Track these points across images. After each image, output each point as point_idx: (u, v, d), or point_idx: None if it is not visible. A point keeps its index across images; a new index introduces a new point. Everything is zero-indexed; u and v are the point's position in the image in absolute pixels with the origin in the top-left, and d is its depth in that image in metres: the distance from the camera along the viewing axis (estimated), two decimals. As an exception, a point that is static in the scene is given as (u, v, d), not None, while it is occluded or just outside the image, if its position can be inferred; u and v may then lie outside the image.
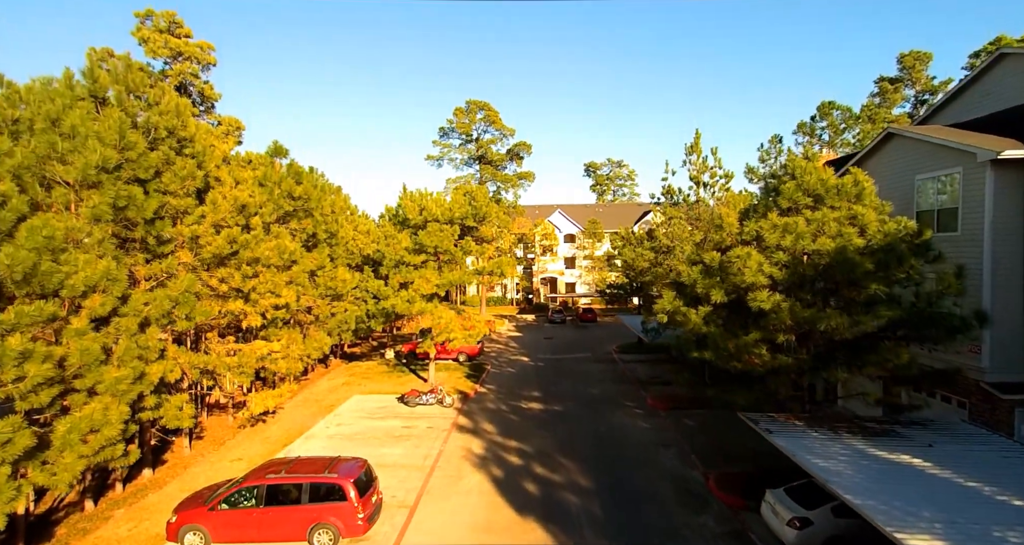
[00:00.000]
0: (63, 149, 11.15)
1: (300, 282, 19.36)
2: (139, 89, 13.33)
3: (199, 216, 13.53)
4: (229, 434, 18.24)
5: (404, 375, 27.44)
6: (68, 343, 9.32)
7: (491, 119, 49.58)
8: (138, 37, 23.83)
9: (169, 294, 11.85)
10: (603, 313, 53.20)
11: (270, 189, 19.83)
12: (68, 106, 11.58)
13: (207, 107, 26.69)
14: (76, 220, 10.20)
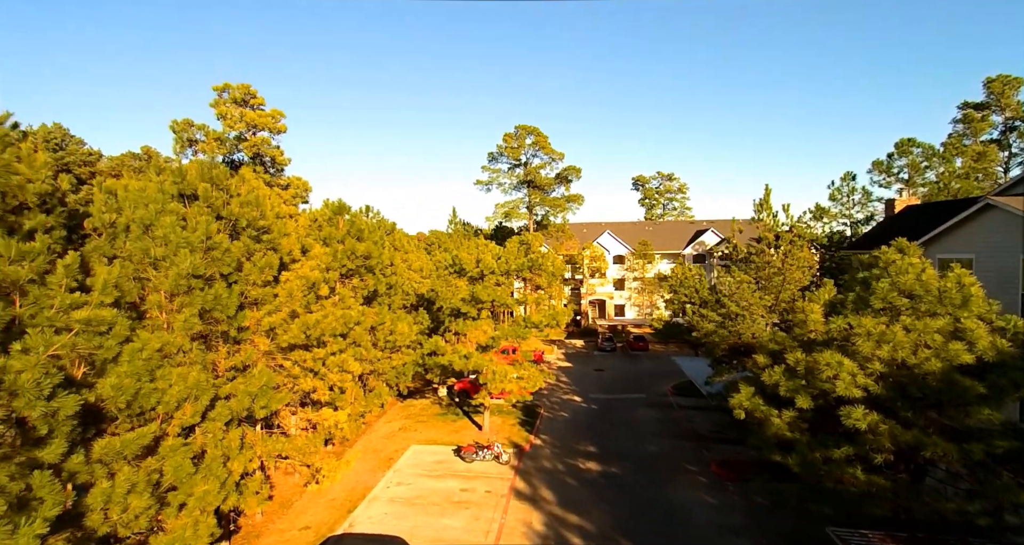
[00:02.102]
0: (156, 255, 11.78)
1: (361, 340, 19.78)
2: (222, 182, 13.93)
3: (275, 307, 14.01)
4: (295, 494, 18.81)
5: (458, 419, 27.58)
6: (163, 459, 9.76)
7: (540, 144, 49.43)
8: (217, 112, 25.43)
9: (249, 389, 12.28)
10: (653, 337, 51.91)
11: (334, 249, 20.38)
12: (160, 211, 12.23)
13: (277, 170, 28.05)
14: (169, 334, 10.70)
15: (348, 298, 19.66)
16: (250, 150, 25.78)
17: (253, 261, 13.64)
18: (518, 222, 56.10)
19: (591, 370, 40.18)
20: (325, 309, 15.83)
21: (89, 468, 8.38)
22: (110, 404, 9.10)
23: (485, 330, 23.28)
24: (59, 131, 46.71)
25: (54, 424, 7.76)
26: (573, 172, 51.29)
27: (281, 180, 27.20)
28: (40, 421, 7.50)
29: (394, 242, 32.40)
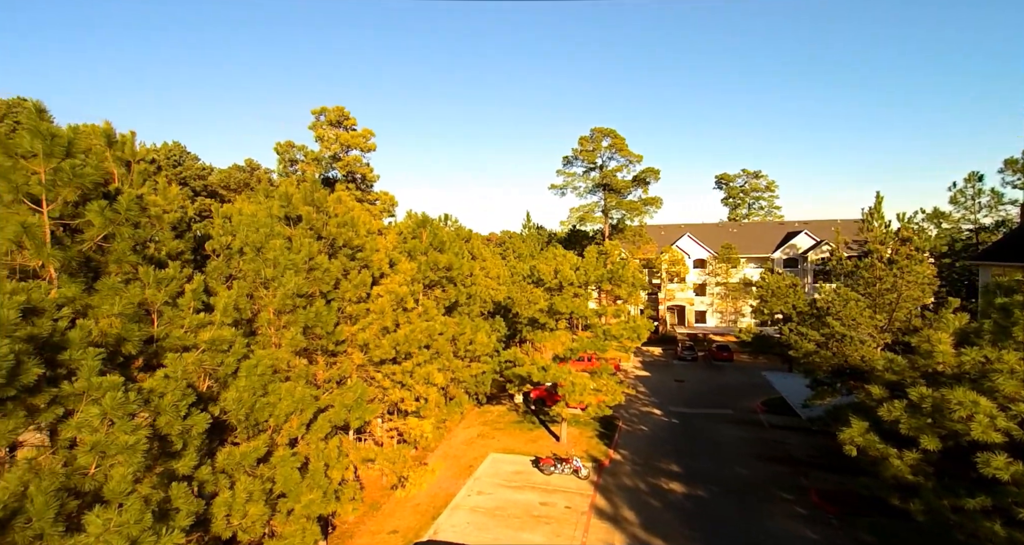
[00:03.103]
0: (266, 276, 12.78)
1: (443, 350, 20.35)
2: (323, 204, 14.87)
3: (368, 322, 14.75)
4: (383, 496, 19.71)
5: (535, 429, 27.61)
6: (274, 469, 10.56)
7: (617, 146, 48.37)
8: (315, 134, 27.61)
9: (345, 402, 13.00)
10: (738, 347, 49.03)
11: (418, 262, 21.13)
12: (270, 235, 13.26)
13: (367, 187, 29.82)
14: (278, 351, 11.56)
15: (431, 309, 20.29)
16: (343, 169, 27.58)
17: (349, 279, 14.44)
18: (593, 226, 55.28)
19: (671, 380, 38.72)
20: (412, 323, 16.44)
21: (214, 477, 9.24)
22: (232, 416, 9.99)
23: (563, 341, 23.12)
24: (177, 148, 52.40)
25: (188, 439, 8.62)
26: (651, 174, 49.70)
27: (370, 195, 28.82)
28: (177, 437, 8.35)
29: (471, 250, 33.07)
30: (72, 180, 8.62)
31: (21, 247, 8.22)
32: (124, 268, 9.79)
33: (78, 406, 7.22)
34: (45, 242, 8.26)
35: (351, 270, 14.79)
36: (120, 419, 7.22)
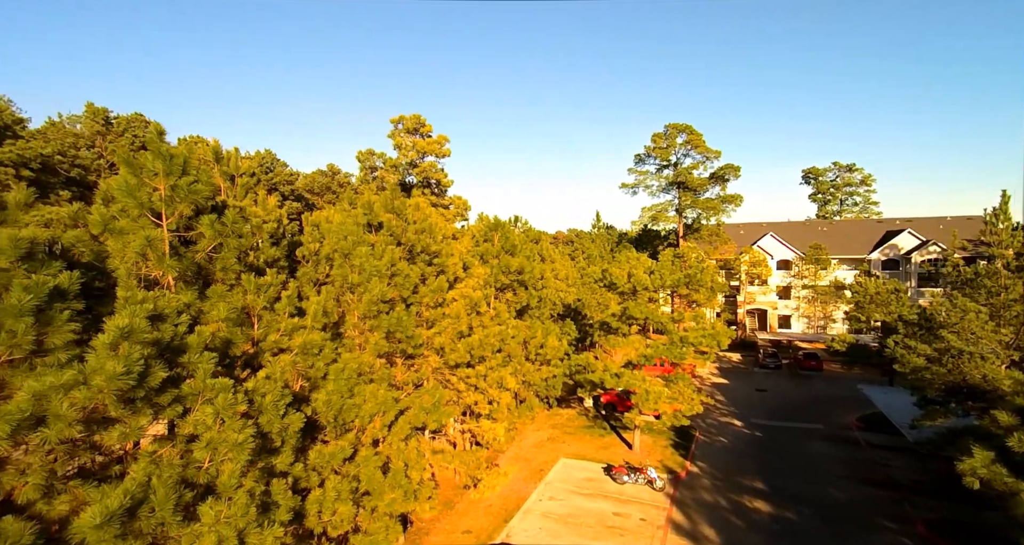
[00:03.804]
0: (353, 281, 13.42)
1: (514, 354, 20.44)
2: (402, 212, 15.41)
3: (444, 327, 15.10)
4: (456, 495, 20.15)
5: (606, 434, 27.09)
6: (359, 468, 11.07)
7: (693, 143, 46.32)
8: (394, 142, 28.90)
9: (423, 405, 13.38)
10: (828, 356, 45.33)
11: (490, 265, 21.38)
12: (357, 242, 13.92)
13: (441, 192, 30.75)
14: (363, 355, 12.10)
15: (503, 313, 20.46)
16: (419, 175, 28.62)
17: (427, 284, 14.86)
18: (666, 226, 53.37)
19: (751, 389, 36.54)
20: (486, 328, 16.65)
21: (307, 474, 9.82)
22: (321, 417, 10.59)
23: (636, 347, 22.48)
24: (269, 155, 56.75)
25: (285, 436, 9.21)
26: (731, 171, 47.13)
27: (444, 200, 29.72)
28: (276, 435, 8.95)
29: (541, 252, 33.01)
30: (187, 196, 9.48)
31: (146, 258, 9.17)
32: (229, 276, 10.64)
33: (194, 405, 7.92)
34: (165, 253, 9.15)
35: (428, 275, 15.23)
36: (230, 418, 7.84)
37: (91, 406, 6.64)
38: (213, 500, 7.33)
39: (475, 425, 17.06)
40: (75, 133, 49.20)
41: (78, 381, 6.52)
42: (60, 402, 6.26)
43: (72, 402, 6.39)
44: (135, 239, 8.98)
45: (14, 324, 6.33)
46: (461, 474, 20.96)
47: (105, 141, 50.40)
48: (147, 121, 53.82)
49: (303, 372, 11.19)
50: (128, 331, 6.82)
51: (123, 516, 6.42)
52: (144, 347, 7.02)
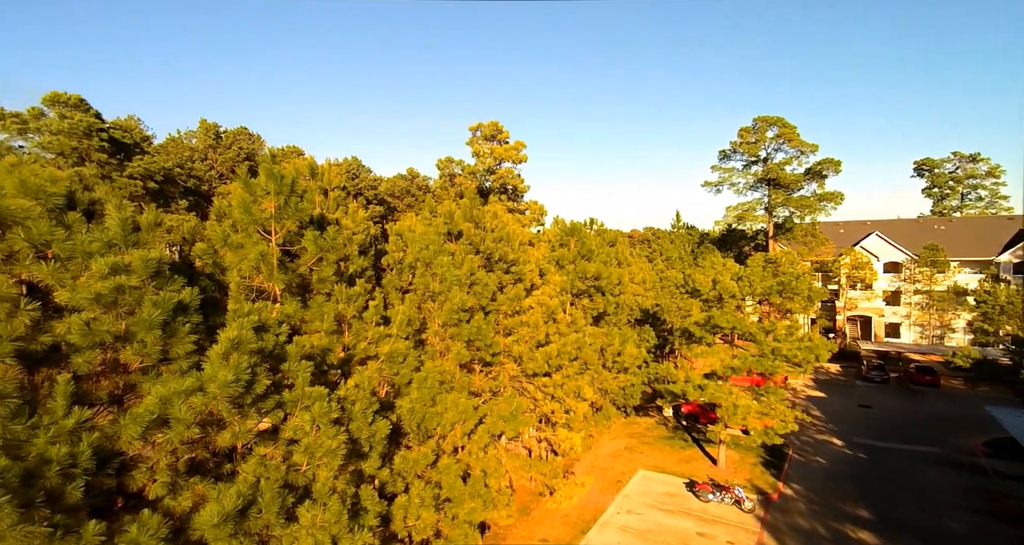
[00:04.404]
0: (434, 290, 13.78)
1: (591, 362, 20.06)
2: (481, 220, 15.62)
3: (522, 337, 15.12)
4: (532, 501, 20.13)
5: (687, 447, 25.89)
6: (441, 474, 11.33)
7: (786, 136, 43.04)
8: (472, 150, 29.67)
9: (501, 413, 13.45)
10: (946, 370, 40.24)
11: (566, 271, 21.14)
12: (438, 251, 14.29)
13: (517, 197, 31.04)
14: (444, 363, 12.38)
15: (579, 319, 20.15)
16: (496, 181, 29.07)
17: (504, 292, 14.95)
18: (754, 225, 50.09)
19: (853, 405, 33.34)
20: (563, 335, 16.46)
21: (392, 479, 10.19)
22: (406, 424, 10.94)
23: (721, 358, 21.24)
24: (355, 162, 60.16)
25: (373, 442, 9.60)
26: (829, 166, 43.24)
27: (521, 205, 29.98)
28: (365, 441, 9.36)
29: (617, 255, 32.18)
30: (294, 213, 10.19)
31: (258, 271, 9.95)
32: (325, 287, 11.30)
33: (294, 411, 8.46)
34: (274, 267, 9.87)
35: (506, 283, 15.31)
36: (325, 425, 8.28)
37: (207, 410, 7.28)
38: (310, 503, 7.79)
39: (551, 434, 16.95)
40: (191, 147, 55.09)
41: (196, 387, 7.16)
42: (181, 406, 6.91)
43: (191, 406, 7.03)
44: (251, 253, 9.78)
45: (145, 336, 7.07)
46: (537, 481, 20.95)
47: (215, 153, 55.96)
48: (250, 134, 59.10)
49: (388, 379, 11.64)
50: (237, 342, 7.40)
51: (236, 516, 6.98)
52: (251, 356, 7.59)
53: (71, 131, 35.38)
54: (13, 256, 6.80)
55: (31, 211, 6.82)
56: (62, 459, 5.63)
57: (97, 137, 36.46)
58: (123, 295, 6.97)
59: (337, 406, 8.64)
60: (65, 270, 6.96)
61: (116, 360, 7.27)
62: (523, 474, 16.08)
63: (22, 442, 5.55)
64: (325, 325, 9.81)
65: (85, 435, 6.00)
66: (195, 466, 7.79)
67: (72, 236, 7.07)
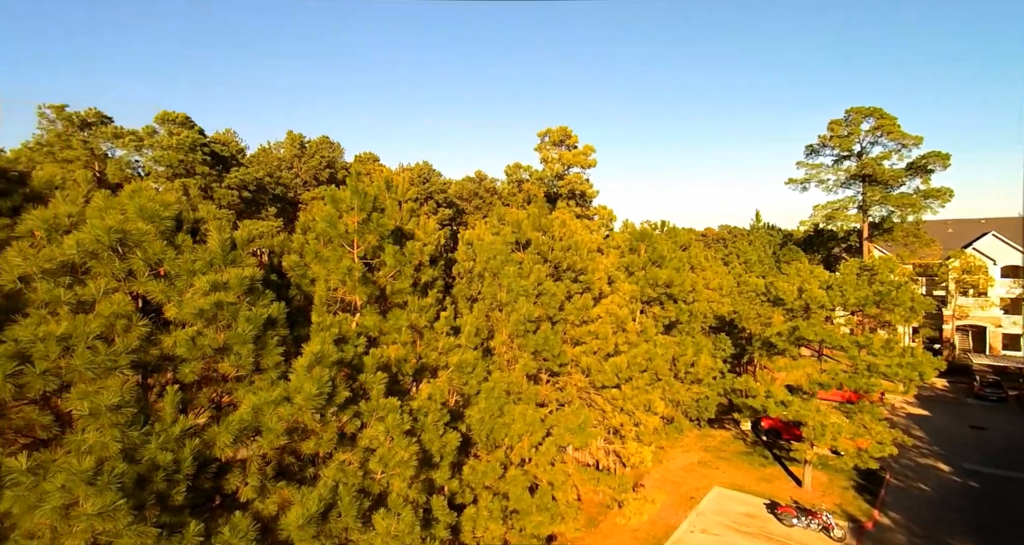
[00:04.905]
0: (501, 300, 13.86)
1: (662, 373, 19.34)
2: (549, 229, 15.52)
3: (590, 349, 14.86)
4: (599, 512, 19.74)
5: (768, 465, 24.32)
6: (508, 486, 11.37)
7: (884, 128, 39.19)
8: (540, 156, 29.64)
9: (568, 426, 13.29)
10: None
11: (637, 279, 20.53)
12: (505, 261, 14.37)
13: (586, 203, 30.63)
14: (511, 374, 12.42)
15: (649, 328, 19.48)
16: (565, 187, 28.87)
17: (572, 302, 14.76)
18: (845, 225, 46.08)
19: (964, 426, 29.78)
20: (633, 345, 16.00)
21: (461, 489, 10.36)
22: (474, 435, 11.09)
23: (808, 372, 19.71)
24: (426, 167, 62.19)
25: (444, 453, 9.80)
26: (936, 160, 38.82)
27: (589, 211, 29.60)
28: (436, 452, 9.58)
29: (691, 259, 30.80)
30: (376, 228, 10.67)
31: (343, 283, 10.49)
32: (401, 297, 11.70)
33: (369, 421, 8.81)
34: (357, 280, 10.35)
35: (574, 293, 15.11)
36: (398, 436, 8.56)
37: (293, 420, 7.74)
38: (385, 512, 8.07)
39: (620, 446, 16.52)
40: (278, 157, 59.36)
41: (284, 397, 7.65)
42: (271, 416, 7.40)
43: (280, 416, 7.51)
44: (337, 267, 10.34)
45: (240, 348, 7.63)
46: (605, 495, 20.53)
47: (300, 162, 59.90)
48: (331, 143, 62.72)
49: (458, 388, 11.85)
50: (320, 356, 7.82)
51: (318, 518, 7.38)
52: (332, 370, 7.98)
53: (178, 146, 39.26)
54: (132, 274, 7.59)
55: (147, 234, 7.56)
56: (168, 465, 6.20)
57: (200, 151, 40.17)
58: (222, 310, 7.57)
59: (409, 418, 8.89)
60: (173, 287, 7.67)
61: (215, 370, 7.94)
62: (591, 488, 15.81)
63: (136, 447, 6.18)
64: (402, 337, 10.16)
65: (188, 442, 6.58)
66: (282, 470, 8.33)
67: (180, 256, 7.77)
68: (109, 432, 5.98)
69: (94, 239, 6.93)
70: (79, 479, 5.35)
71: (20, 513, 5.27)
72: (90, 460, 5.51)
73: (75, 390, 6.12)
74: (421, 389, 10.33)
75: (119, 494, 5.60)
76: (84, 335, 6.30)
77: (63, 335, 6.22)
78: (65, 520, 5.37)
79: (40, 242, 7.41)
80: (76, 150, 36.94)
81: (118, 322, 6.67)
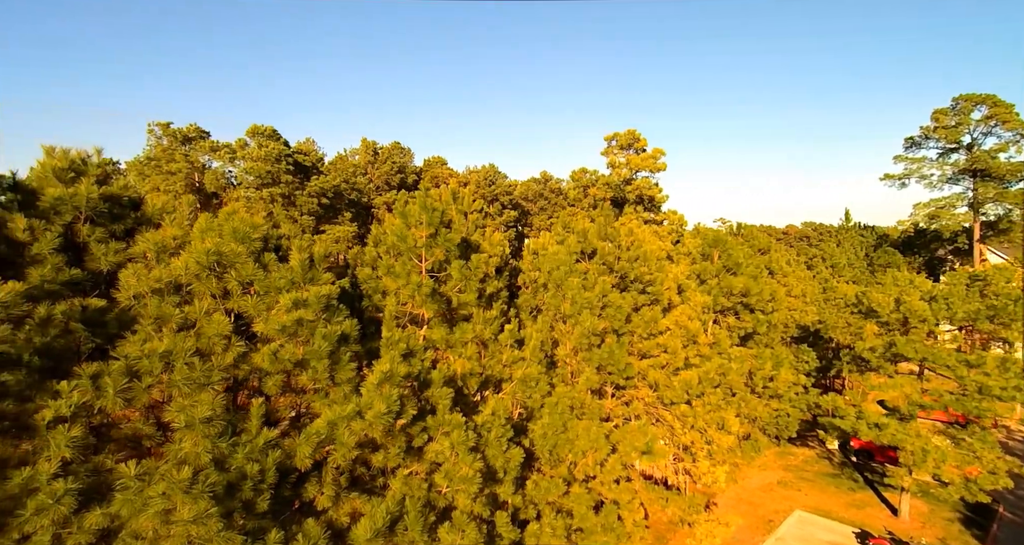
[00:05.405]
0: (565, 312, 13.71)
1: (736, 388, 18.31)
2: (616, 238, 15.17)
3: (659, 363, 14.34)
4: (668, 530, 19.05)
5: (858, 489, 22.36)
6: (572, 504, 11.22)
7: (1000, 117, 34.76)
8: (607, 161, 29.12)
9: (634, 443, 12.89)
10: None
11: (708, 287, 19.58)
12: (568, 272, 14.20)
13: (654, 208, 29.67)
14: (575, 389, 12.25)
15: (723, 340, 18.52)
16: (632, 192, 28.14)
17: (639, 314, 14.31)
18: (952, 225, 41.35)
19: (1102, 458, 25.80)
20: (705, 358, 15.27)
21: (525, 505, 10.35)
22: (537, 450, 11.04)
23: (907, 393, 17.89)
24: (492, 169, 63.01)
25: (508, 468, 9.84)
26: (1067, 149, 33.94)
27: (658, 216, 28.65)
28: (500, 467, 9.63)
29: (770, 264, 28.92)
30: (443, 243, 10.94)
31: (412, 298, 10.84)
32: (467, 310, 11.89)
33: (435, 435, 9.01)
34: (425, 295, 10.65)
35: (641, 305, 14.64)
36: (463, 453, 8.68)
37: (364, 434, 8.07)
38: (449, 526, 8.22)
39: (691, 465, 15.80)
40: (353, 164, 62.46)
41: (356, 413, 7.98)
42: (344, 430, 7.75)
43: (352, 431, 7.85)
44: (406, 281, 10.70)
45: (316, 363, 8.06)
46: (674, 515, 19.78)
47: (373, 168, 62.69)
48: (402, 148, 65.13)
49: (521, 401, 11.86)
50: (389, 374, 8.09)
51: (385, 531, 7.65)
52: (400, 388, 8.23)
53: (266, 158, 42.43)
54: (227, 292, 8.25)
55: (240, 254, 8.17)
56: (254, 475, 6.65)
57: (285, 162, 43.16)
58: (301, 327, 8.03)
59: (474, 435, 8.99)
60: (262, 303, 8.24)
61: (294, 383, 8.45)
62: (658, 507, 15.27)
63: (225, 457, 6.69)
64: (467, 351, 10.32)
65: (271, 453, 7.04)
66: (353, 480, 8.72)
67: (268, 275, 8.33)
68: (202, 443, 6.52)
69: (196, 261, 7.59)
70: (177, 487, 5.87)
71: (127, 515, 5.85)
72: (187, 470, 6.02)
73: (174, 403, 6.72)
74: (487, 402, 10.42)
75: (211, 502, 6.09)
76: (183, 352, 6.91)
77: (165, 352, 6.85)
78: (165, 524, 5.90)
79: (151, 263, 8.23)
80: (179, 163, 40.95)
81: (218, 341, 7.26)
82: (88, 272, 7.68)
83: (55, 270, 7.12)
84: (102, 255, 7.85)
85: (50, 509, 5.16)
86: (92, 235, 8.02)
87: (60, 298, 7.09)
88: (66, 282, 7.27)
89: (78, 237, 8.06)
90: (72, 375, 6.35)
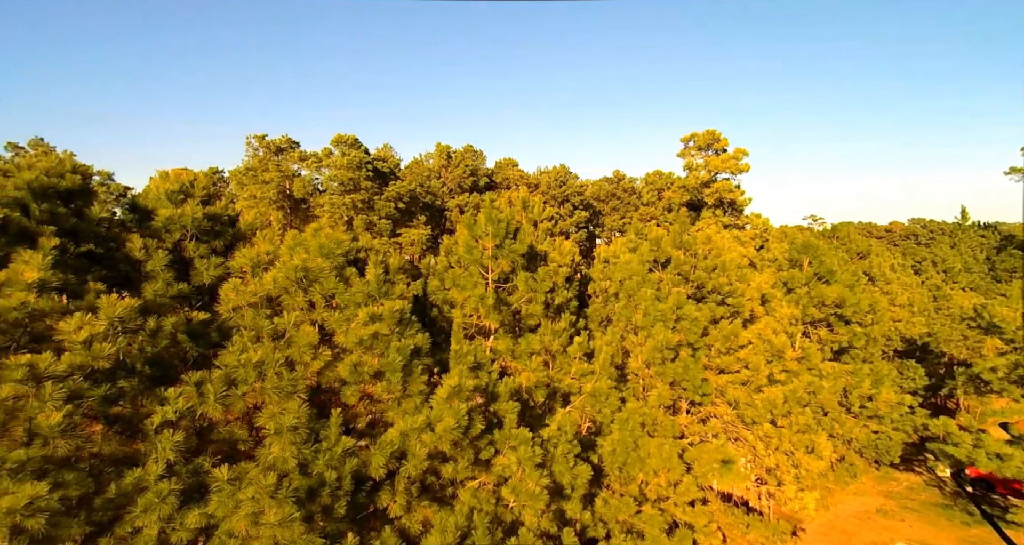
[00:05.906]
0: (636, 323, 13.28)
1: (829, 406, 16.85)
2: (691, 246, 14.49)
3: (738, 380, 13.51)
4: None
5: (974, 524, 19.79)
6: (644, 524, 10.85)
7: None
8: (684, 163, 27.88)
9: (710, 463, 12.24)
10: None
11: (797, 297, 18.17)
12: (641, 283, 13.74)
13: (735, 212, 27.96)
14: (647, 406, 11.82)
15: (813, 355, 17.11)
16: (712, 196, 26.74)
17: (717, 327, 13.57)
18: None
19: None
20: (792, 374, 14.17)
21: (594, 523, 10.15)
22: (607, 466, 10.79)
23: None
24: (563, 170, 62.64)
25: (575, 484, 9.70)
26: None
27: (740, 220, 26.98)
28: (567, 483, 9.51)
29: (869, 270, 26.34)
30: (508, 254, 11.00)
31: (477, 310, 11.01)
32: (533, 321, 11.87)
33: (503, 449, 9.06)
34: (491, 307, 10.77)
35: (719, 318, 13.85)
36: (530, 468, 8.66)
37: (434, 446, 8.28)
38: (516, 542, 8.23)
39: (777, 489, 14.73)
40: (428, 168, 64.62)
41: (426, 425, 8.20)
42: (415, 442, 7.99)
43: (423, 442, 8.07)
44: (474, 294, 10.89)
45: (391, 375, 8.37)
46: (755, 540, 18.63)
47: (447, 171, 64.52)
48: (475, 151, 66.45)
49: (590, 416, 11.64)
50: (457, 389, 8.23)
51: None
52: (468, 403, 8.35)
53: (348, 165, 44.99)
54: (312, 305, 8.80)
55: (324, 269, 8.68)
56: (332, 482, 7.02)
57: (365, 169, 45.52)
58: (377, 340, 8.39)
59: (541, 451, 8.93)
60: (343, 316, 8.70)
61: (370, 393, 8.84)
62: (738, 533, 14.39)
63: (308, 463, 7.12)
64: (532, 364, 10.28)
65: (348, 461, 7.41)
66: (424, 488, 8.97)
67: (348, 289, 8.78)
68: (288, 449, 6.98)
69: (285, 276, 8.15)
70: (264, 492, 6.33)
71: (222, 516, 6.38)
72: (272, 476, 6.47)
73: (265, 410, 7.26)
74: (555, 416, 10.33)
75: (295, 506, 6.50)
76: (273, 362, 7.44)
77: (258, 361, 7.41)
78: (255, 526, 6.38)
79: (247, 277, 8.94)
80: (271, 172, 44.48)
81: (307, 351, 7.76)
82: (192, 286, 8.50)
83: (166, 285, 7.92)
84: (205, 270, 8.62)
85: (156, 507, 5.71)
86: (197, 251, 8.84)
87: (169, 310, 7.89)
88: (175, 296, 8.09)
89: (185, 253, 8.93)
90: (178, 382, 7.05)
